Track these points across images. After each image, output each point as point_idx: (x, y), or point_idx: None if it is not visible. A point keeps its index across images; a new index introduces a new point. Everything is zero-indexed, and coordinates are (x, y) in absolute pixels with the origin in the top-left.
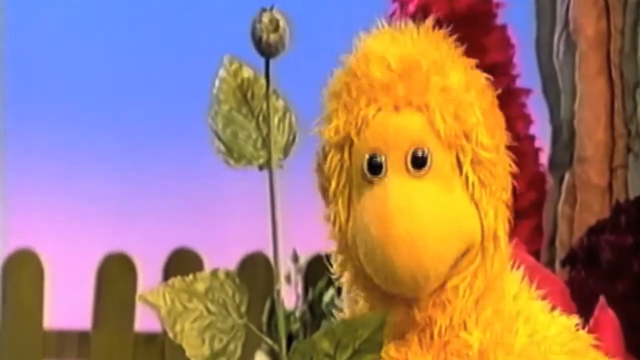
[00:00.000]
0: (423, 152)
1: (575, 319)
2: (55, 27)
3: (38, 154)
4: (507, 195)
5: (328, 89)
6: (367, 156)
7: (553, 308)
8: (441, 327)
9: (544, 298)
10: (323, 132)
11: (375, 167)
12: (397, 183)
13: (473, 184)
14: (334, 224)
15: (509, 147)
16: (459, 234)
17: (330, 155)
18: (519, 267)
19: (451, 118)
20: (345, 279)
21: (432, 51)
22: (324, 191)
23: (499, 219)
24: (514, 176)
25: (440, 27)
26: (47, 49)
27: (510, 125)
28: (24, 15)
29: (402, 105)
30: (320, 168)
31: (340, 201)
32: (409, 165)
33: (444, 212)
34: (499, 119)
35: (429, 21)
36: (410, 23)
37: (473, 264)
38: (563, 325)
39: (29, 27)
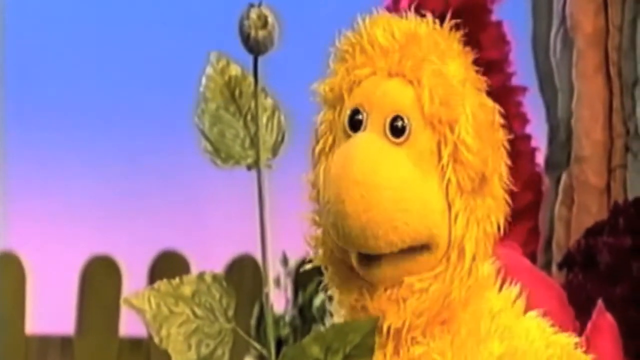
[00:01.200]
0: (403, 120)
1: (573, 339)
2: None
3: (19, 155)
4: (491, 228)
5: (335, 48)
6: (349, 111)
7: (553, 325)
8: (391, 326)
9: (544, 315)
10: (319, 88)
11: (355, 123)
12: (370, 136)
13: (449, 180)
14: (314, 186)
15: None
16: (419, 213)
17: (322, 114)
18: (515, 282)
19: (439, 101)
20: (318, 256)
21: (438, 36)
22: (313, 154)
23: (470, 231)
24: (511, 176)
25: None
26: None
27: (505, 124)
28: (24, 15)
29: (395, 73)
30: (315, 133)
31: (323, 163)
32: (387, 130)
33: (409, 181)
34: (491, 135)
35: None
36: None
37: (435, 268)
38: (558, 345)
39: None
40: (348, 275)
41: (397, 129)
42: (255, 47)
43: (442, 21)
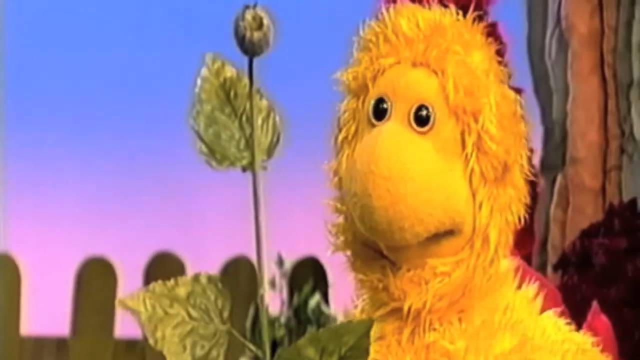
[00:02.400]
0: (428, 110)
1: (590, 338)
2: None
3: (14, 156)
4: (512, 217)
5: (359, 37)
6: (373, 101)
7: (568, 323)
8: (412, 307)
9: (561, 314)
10: (343, 77)
11: (380, 113)
12: (394, 127)
13: (472, 170)
14: (334, 175)
15: None
16: (443, 204)
17: (346, 102)
18: (533, 282)
19: (463, 90)
20: (338, 243)
21: (463, 27)
22: (335, 143)
23: (494, 220)
24: None
25: None
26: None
27: None
28: (24, 15)
29: (420, 63)
30: (336, 122)
31: (346, 151)
32: (412, 120)
33: (434, 171)
34: (514, 125)
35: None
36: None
37: (458, 254)
38: (574, 342)
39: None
40: (371, 255)
41: (421, 119)
42: (250, 49)
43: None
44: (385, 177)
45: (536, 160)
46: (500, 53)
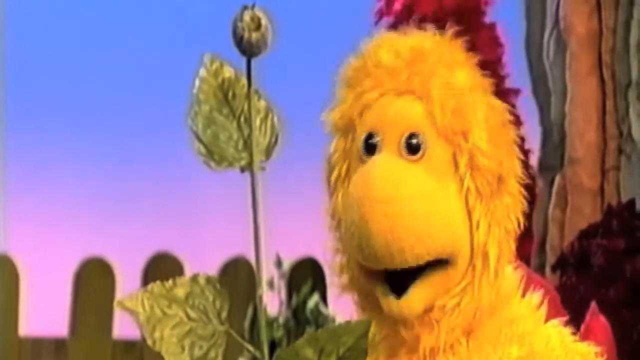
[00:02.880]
0: (418, 137)
1: (594, 348)
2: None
3: (12, 157)
4: (512, 225)
5: (339, 75)
6: (363, 136)
7: (573, 333)
8: (426, 347)
9: (567, 323)
10: (329, 117)
11: (370, 147)
12: (387, 157)
13: (468, 189)
14: (333, 216)
15: None
16: (442, 227)
17: (335, 142)
18: (537, 289)
19: (450, 112)
20: (343, 283)
21: (443, 48)
22: (328, 184)
23: (493, 236)
24: None
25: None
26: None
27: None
28: (24, 16)
29: (404, 92)
30: (327, 163)
31: (340, 190)
32: (403, 149)
33: (429, 194)
34: (504, 137)
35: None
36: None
37: (462, 282)
38: (578, 353)
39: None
40: (377, 304)
41: (412, 147)
42: (248, 49)
43: (436, 23)
44: (381, 201)
45: (534, 161)
46: (499, 54)
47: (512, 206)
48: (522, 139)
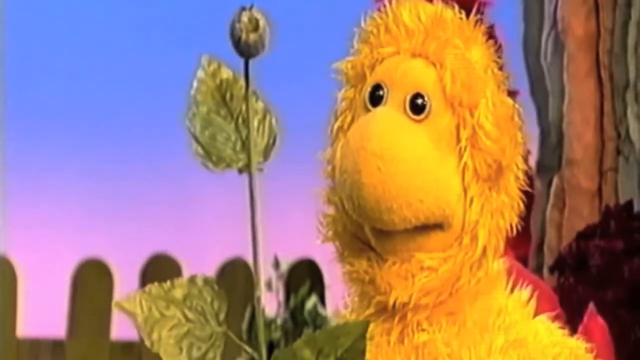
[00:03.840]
0: (423, 98)
1: (583, 343)
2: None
3: (11, 159)
4: (504, 224)
5: (360, 29)
6: (370, 87)
7: (562, 327)
8: (398, 300)
9: (554, 319)
10: (341, 66)
11: (376, 99)
12: (390, 111)
13: (466, 165)
14: (329, 162)
15: None
16: (435, 192)
17: (343, 91)
18: (526, 286)
19: (461, 83)
20: (328, 235)
21: (463, 23)
22: (331, 132)
23: (484, 219)
24: None
25: None
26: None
27: None
28: (23, 17)
29: (419, 54)
30: (334, 112)
31: (341, 140)
32: (407, 107)
33: (427, 158)
34: (514, 135)
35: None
36: None
37: (446, 250)
38: (567, 346)
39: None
40: (359, 247)
41: (417, 107)
42: (246, 51)
43: None
44: (377, 154)
45: (532, 162)
46: (497, 55)
47: (507, 205)
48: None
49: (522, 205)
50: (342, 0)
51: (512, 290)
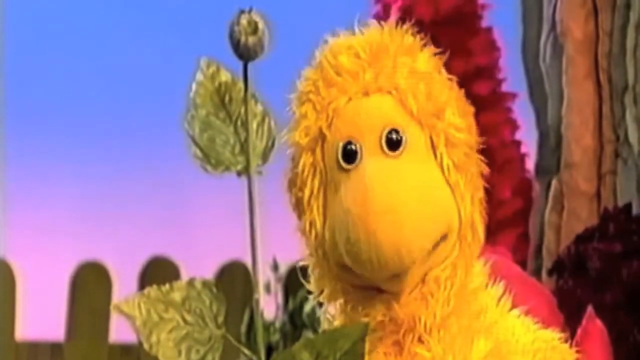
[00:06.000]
0: (397, 132)
1: (557, 334)
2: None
3: (9, 162)
4: (481, 183)
5: (297, 92)
6: (341, 145)
7: (537, 322)
8: (426, 324)
9: (527, 312)
10: (293, 137)
11: (350, 155)
12: (374, 162)
13: (448, 167)
14: (309, 233)
15: (494, 152)
16: (439, 212)
17: (302, 160)
18: (500, 280)
19: (422, 96)
20: (324, 294)
21: (400, 37)
22: (298, 203)
23: (475, 205)
24: (501, 182)
25: (423, 29)
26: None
27: (496, 131)
28: (23, 18)
29: (371, 91)
30: (291, 182)
31: (315, 207)
32: (384, 147)
33: (423, 187)
34: (468, 107)
35: (396, 21)
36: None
37: (452, 254)
38: (543, 339)
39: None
40: (368, 295)
41: (393, 142)
42: (245, 53)
43: (433, 27)
44: (386, 211)
45: (531, 165)
46: (495, 58)
47: (478, 175)
48: (519, 143)
49: (484, 165)
50: (341, 3)
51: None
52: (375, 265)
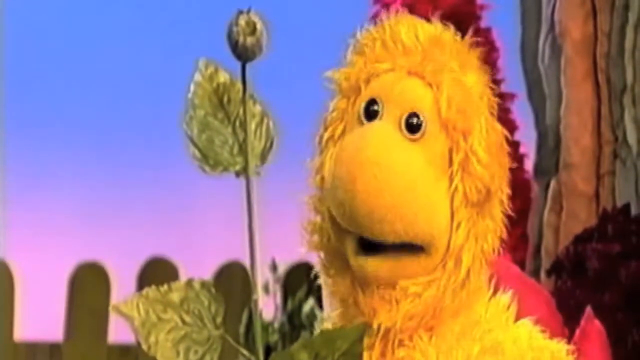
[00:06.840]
0: (419, 118)
1: (565, 346)
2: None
3: (8, 163)
4: (487, 247)
5: (355, 40)
6: (365, 101)
7: (543, 331)
8: (381, 325)
9: (536, 322)
10: (335, 76)
11: (371, 114)
12: (386, 125)
13: (456, 189)
14: (318, 171)
15: None
16: (426, 211)
17: (335, 101)
18: (507, 290)
19: (456, 107)
20: (314, 243)
21: (460, 46)
22: (319, 142)
23: (469, 246)
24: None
25: None
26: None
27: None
28: (23, 19)
29: (415, 73)
30: (323, 121)
31: (331, 149)
32: (402, 126)
33: (421, 176)
34: (503, 163)
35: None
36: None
37: (430, 274)
38: (547, 350)
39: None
40: (343, 266)
41: (412, 126)
42: (243, 54)
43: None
44: (373, 162)
45: (529, 166)
46: (494, 59)
47: (491, 230)
48: (517, 144)
49: (504, 231)
50: (340, 3)
51: (494, 294)
52: (347, 210)
